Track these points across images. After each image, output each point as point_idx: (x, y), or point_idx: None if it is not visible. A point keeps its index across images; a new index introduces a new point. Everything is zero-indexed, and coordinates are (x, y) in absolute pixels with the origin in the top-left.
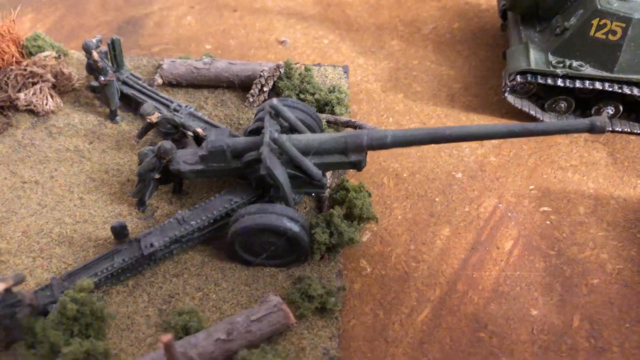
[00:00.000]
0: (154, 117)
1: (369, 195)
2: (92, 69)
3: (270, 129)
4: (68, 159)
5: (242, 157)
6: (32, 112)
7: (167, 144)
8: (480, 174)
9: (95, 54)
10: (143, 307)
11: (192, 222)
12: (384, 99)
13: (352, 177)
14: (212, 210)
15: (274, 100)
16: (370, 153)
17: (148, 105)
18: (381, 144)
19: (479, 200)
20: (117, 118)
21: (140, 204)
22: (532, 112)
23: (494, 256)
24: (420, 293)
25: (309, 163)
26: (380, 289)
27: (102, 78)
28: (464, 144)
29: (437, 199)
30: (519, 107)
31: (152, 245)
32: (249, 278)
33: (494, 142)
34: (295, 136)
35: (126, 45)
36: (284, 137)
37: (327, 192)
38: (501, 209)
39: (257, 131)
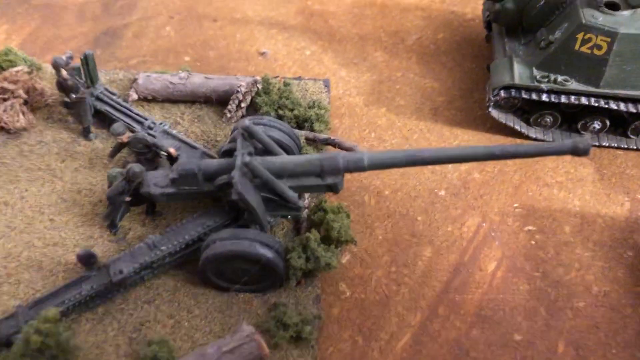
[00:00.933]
0: (125, 138)
1: (348, 216)
2: (62, 86)
3: (243, 151)
4: (39, 178)
5: (214, 180)
6: (2, 129)
7: (137, 167)
8: (463, 191)
9: (64, 72)
10: (113, 336)
11: (163, 247)
12: (366, 113)
13: (331, 196)
14: (184, 234)
15: (246, 121)
16: None
17: (119, 125)
18: (358, 167)
19: (462, 219)
20: (91, 135)
21: (112, 226)
22: (517, 127)
23: (477, 278)
24: (400, 318)
25: (283, 186)
26: (359, 314)
27: (73, 96)
28: None
29: (419, 218)
30: (504, 122)
31: (121, 272)
32: (223, 304)
33: None
34: (269, 158)
35: (103, 58)
36: (258, 160)
37: (305, 212)
38: (485, 228)
39: (230, 152)
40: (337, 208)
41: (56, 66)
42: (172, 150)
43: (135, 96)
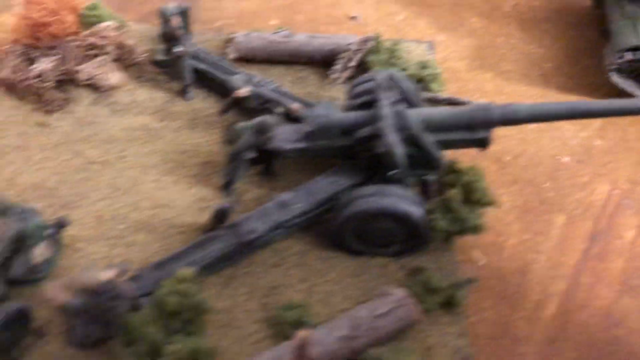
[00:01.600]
0: (243, 92)
1: (483, 178)
2: (168, 38)
3: (387, 102)
4: (137, 138)
5: (351, 134)
6: (92, 87)
7: (271, 118)
8: (587, 158)
9: (175, 20)
10: (243, 301)
11: (296, 206)
12: (471, 78)
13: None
14: (317, 192)
15: (391, 71)
16: None
17: (238, 77)
18: (514, 119)
19: (590, 187)
20: (189, 95)
21: (227, 187)
22: (638, 93)
23: (617, 246)
24: (542, 286)
25: (430, 142)
26: (498, 282)
27: (178, 49)
28: (565, 126)
29: (545, 185)
30: (623, 88)
31: (253, 231)
32: (357, 269)
33: (597, 124)
34: (413, 110)
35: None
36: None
37: (432, 176)
38: (615, 195)
39: (366, 105)
40: (472, 169)
41: (165, 15)
42: (294, 106)
43: (233, 55)
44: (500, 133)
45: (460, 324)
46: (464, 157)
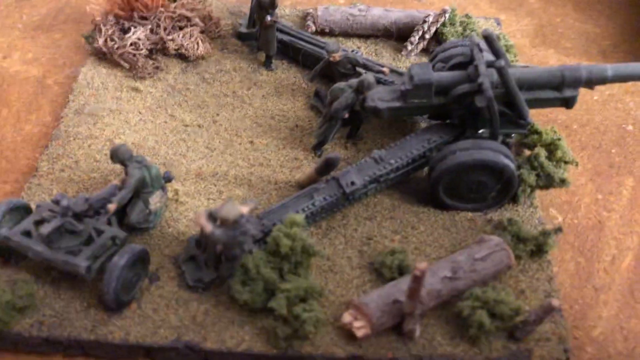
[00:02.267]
0: (338, 56)
1: (561, 138)
2: (262, 6)
3: (482, 60)
4: (228, 104)
5: (447, 93)
6: (181, 56)
7: (371, 77)
8: None
9: None
10: (342, 249)
11: (390, 161)
12: (535, 54)
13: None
14: (410, 149)
15: (489, 30)
16: None
17: (333, 42)
18: (601, 78)
19: None
20: (272, 65)
21: (319, 146)
22: None
23: None
24: (618, 241)
25: (522, 99)
26: (576, 238)
27: (269, 18)
28: (627, 98)
29: (613, 151)
30: None
31: (353, 183)
32: (446, 222)
33: None
34: (510, 69)
35: None
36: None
37: (513, 136)
38: None
39: (459, 66)
40: (553, 129)
41: None
42: (385, 69)
43: (313, 28)
44: None
45: (547, 270)
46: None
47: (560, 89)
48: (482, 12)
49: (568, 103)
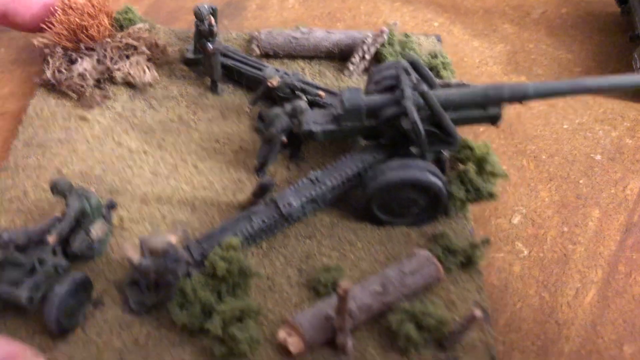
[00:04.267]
0: (275, 81)
1: (493, 154)
2: (202, 35)
3: (408, 83)
4: (174, 129)
5: (377, 115)
6: (128, 84)
7: (303, 103)
8: (618, 156)
9: (212, 19)
10: (281, 268)
11: (326, 181)
12: (506, 81)
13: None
14: (344, 169)
15: (413, 55)
16: (505, 135)
17: (270, 68)
18: (523, 96)
19: (623, 182)
20: (219, 89)
21: (261, 168)
22: None
23: None
24: (582, 274)
25: (448, 119)
26: (541, 272)
27: (211, 46)
28: (597, 127)
29: (580, 181)
30: None
31: (290, 204)
32: (382, 237)
33: (627, 124)
34: (434, 91)
35: (230, 28)
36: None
37: (446, 153)
38: None
39: (389, 89)
40: (484, 144)
41: (199, 14)
42: (322, 93)
43: (257, 51)
44: (535, 133)
45: (478, 281)
46: (502, 156)
47: (485, 107)
48: (456, 39)
49: (493, 120)
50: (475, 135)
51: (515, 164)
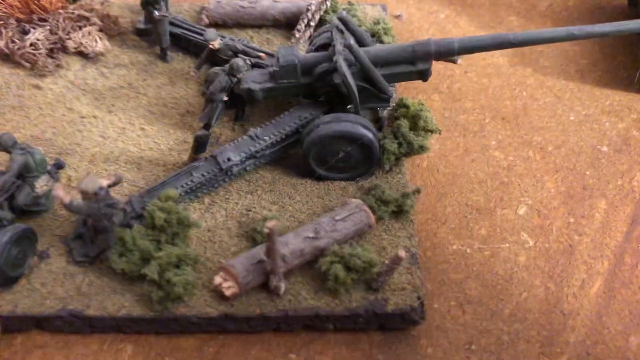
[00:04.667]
0: (216, 43)
1: (429, 110)
2: (148, 3)
3: (340, 41)
4: (124, 95)
5: (311, 73)
6: (81, 54)
7: (240, 60)
8: (625, 147)
9: None
10: (222, 221)
11: (265, 138)
12: (513, 73)
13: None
14: (283, 126)
15: (343, 12)
16: (511, 126)
17: (211, 31)
18: (448, 50)
19: (629, 174)
20: (168, 57)
21: (206, 128)
22: None
23: None
24: (588, 265)
25: (378, 74)
26: (546, 262)
27: (157, 13)
28: (604, 118)
29: (587, 172)
30: None
31: (229, 159)
32: (321, 191)
33: (634, 116)
34: (363, 48)
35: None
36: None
37: (384, 111)
38: None
39: (323, 47)
40: (419, 103)
41: None
42: (262, 55)
43: (206, 21)
44: (541, 125)
45: (408, 229)
46: (507, 147)
47: (414, 63)
48: (461, 31)
49: (423, 75)
50: (481, 125)
51: (522, 155)
